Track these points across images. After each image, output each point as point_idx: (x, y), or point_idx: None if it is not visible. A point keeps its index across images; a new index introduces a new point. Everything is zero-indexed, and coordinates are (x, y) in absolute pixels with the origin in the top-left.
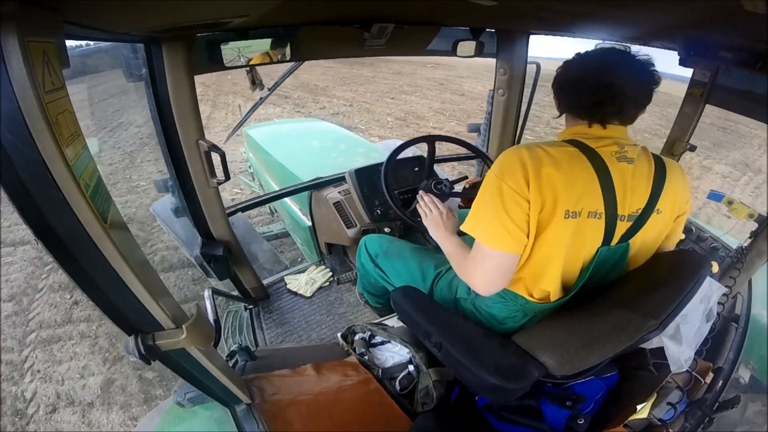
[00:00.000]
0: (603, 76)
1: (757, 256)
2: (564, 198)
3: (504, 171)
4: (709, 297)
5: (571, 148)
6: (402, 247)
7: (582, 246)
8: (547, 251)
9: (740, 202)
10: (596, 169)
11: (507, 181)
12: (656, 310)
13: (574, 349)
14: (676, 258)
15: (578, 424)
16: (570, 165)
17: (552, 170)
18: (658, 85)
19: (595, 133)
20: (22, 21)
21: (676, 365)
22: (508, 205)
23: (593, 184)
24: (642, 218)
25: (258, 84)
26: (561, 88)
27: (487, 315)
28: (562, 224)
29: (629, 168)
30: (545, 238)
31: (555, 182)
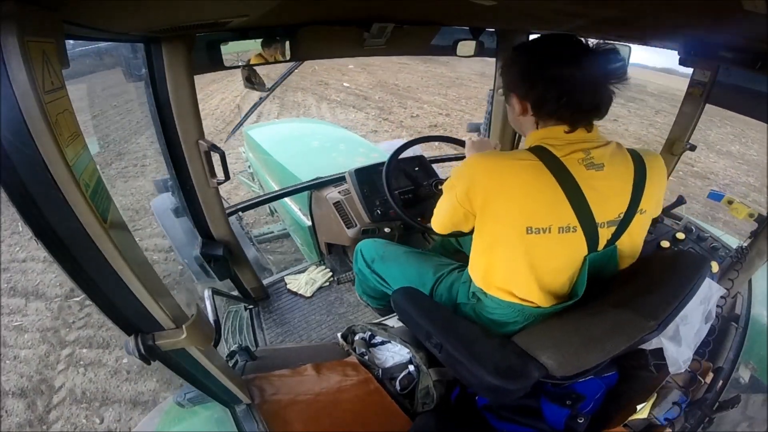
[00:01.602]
0: (584, 70)
1: (757, 256)
2: (521, 215)
3: (457, 177)
4: (708, 298)
5: (534, 160)
6: (398, 252)
7: (559, 258)
8: (512, 263)
9: (740, 202)
10: (561, 183)
11: (457, 188)
12: (656, 311)
13: (573, 349)
14: (675, 259)
15: (578, 423)
16: (529, 180)
17: (507, 186)
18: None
19: (564, 137)
20: (22, 21)
21: (674, 366)
22: (449, 206)
23: (559, 199)
24: (626, 221)
25: (257, 83)
26: (521, 79)
27: (487, 320)
28: (523, 240)
29: (599, 174)
30: (506, 251)
31: (508, 199)
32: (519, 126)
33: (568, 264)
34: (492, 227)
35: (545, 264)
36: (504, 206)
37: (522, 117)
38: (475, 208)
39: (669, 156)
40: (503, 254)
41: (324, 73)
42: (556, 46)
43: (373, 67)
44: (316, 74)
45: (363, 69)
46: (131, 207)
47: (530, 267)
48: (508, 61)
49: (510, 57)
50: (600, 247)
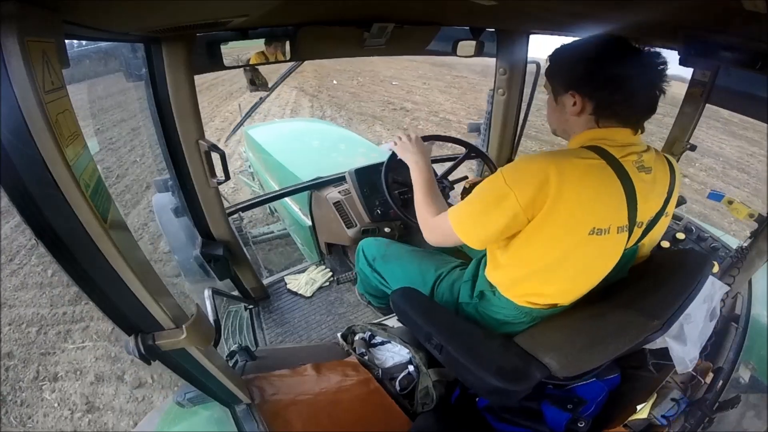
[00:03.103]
0: (643, 71)
1: (757, 256)
2: (589, 216)
3: (518, 180)
4: (712, 296)
5: (597, 159)
6: (400, 250)
7: (609, 258)
8: (563, 266)
9: (740, 202)
10: (622, 183)
11: (516, 192)
12: (659, 311)
13: (576, 350)
14: (678, 258)
15: (579, 426)
16: (599, 181)
17: (579, 187)
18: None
19: (622, 139)
20: (22, 21)
21: (681, 365)
22: (498, 216)
23: (620, 200)
24: (653, 222)
25: (260, 84)
26: (588, 76)
27: (490, 320)
28: (585, 241)
29: (648, 177)
30: (560, 254)
31: (580, 200)
32: (566, 126)
33: (612, 263)
34: (551, 230)
35: (596, 265)
36: (573, 208)
37: (576, 117)
38: (538, 212)
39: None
40: (555, 257)
41: (382, 89)
42: (618, 46)
43: (435, 81)
44: (370, 90)
45: (425, 82)
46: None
47: (581, 269)
48: (567, 59)
49: (568, 55)
50: (629, 245)
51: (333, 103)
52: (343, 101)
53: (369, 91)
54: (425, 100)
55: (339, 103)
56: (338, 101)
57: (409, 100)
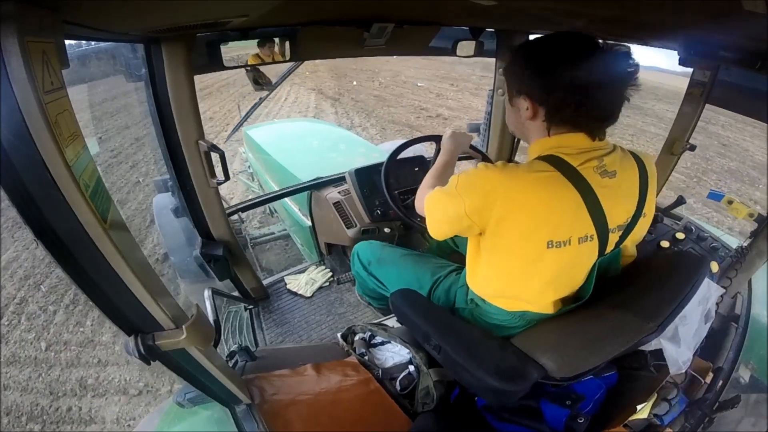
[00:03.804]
0: (604, 76)
1: (757, 256)
2: (543, 229)
3: (466, 188)
4: (707, 298)
5: (551, 171)
6: (394, 254)
7: (577, 268)
8: (531, 278)
9: (740, 202)
10: (581, 192)
11: (464, 198)
12: (655, 313)
13: (573, 351)
14: (674, 260)
15: (578, 423)
16: (551, 193)
17: (528, 201)
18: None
19: (580, 144)
20: (22, 21)
21: (674, 367)
22: (450, 214)
23: (580, 210)
24: (632, 224)
25: (264, 83)
26: (537, 81)
27: (486, 324)
28: (543, 253)
29: (612, 182)
30: (525, 266)
31: (530, 213)
32: (523, 131)
33: (583, 272)
34: (506, 242)
35: (563, 275)
36: (524, 222)
37: (530, 122)
38: (486, 223)
39: (669, 156)
40: (517, 268)
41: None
42: (575, 47)
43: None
44: (396, 93)
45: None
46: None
47: (548, 280)
48: (520, 60)
49: (522, 56)
50: (607, 251)
51: (359, 109)
52: (369, 106)
53: (395, 95)
54: (460, 105)
55: (365, 108)
56: (364, 106)
57: (442, 105)
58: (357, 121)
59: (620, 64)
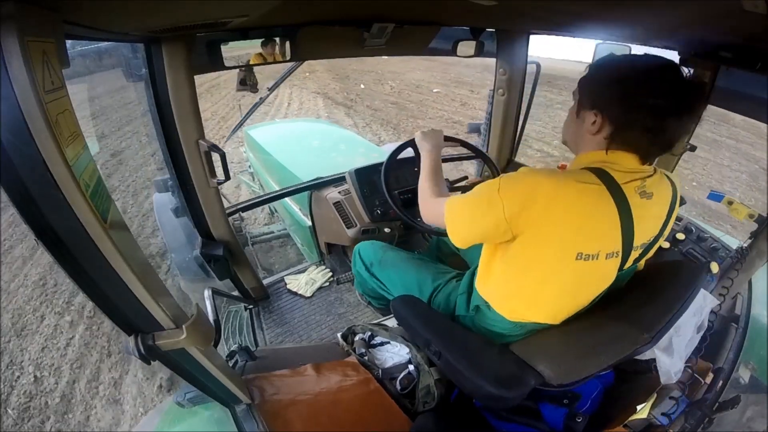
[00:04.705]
0: (677, 103)
1: (757, 256)
2: (576, 240)
3: (509, 192)
4: (701, 309)
5: (598, 184)
6: (396, 257)
7: (598, 282)
8: (551, 288)
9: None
10: (619, 210)
11: (505, 202)
12: (650, 324)
13: (570, 359)
14: (672, 270)
15: (576, 422)
16: (594, 206)
17: (569, 210)
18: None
19: (630, 165)
20: (22, 21)
21: (665, 377)
22: (483, 220)
23: (614, 225)
24: (652, 244)
25: (250, 85)
26: (617, 100)
27: (487, 332)
28: (572, 265)
29: (648, 203)
30: (548, 276)
31: (568, 223)
32: (578, 141)
33: (601, 288)
34: (536, 250)
35: (583, 289)
36: (560, 230)
37: (591, 136)
38: (522, 229)
39: (669, 156)
40: (539, 276)
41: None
42: (663, 74)
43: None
44: (412, 99)
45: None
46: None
47: (567, 291)
48: (604, 75)
49: (607, 72)
50: (626, 266)
51: (378, 118)
52: (390, 116)
53: (414, 102)
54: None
55: (387, 119)
56: (384, 116)
57: (474, 117)
58: (384, 136)
59: (697, 96)
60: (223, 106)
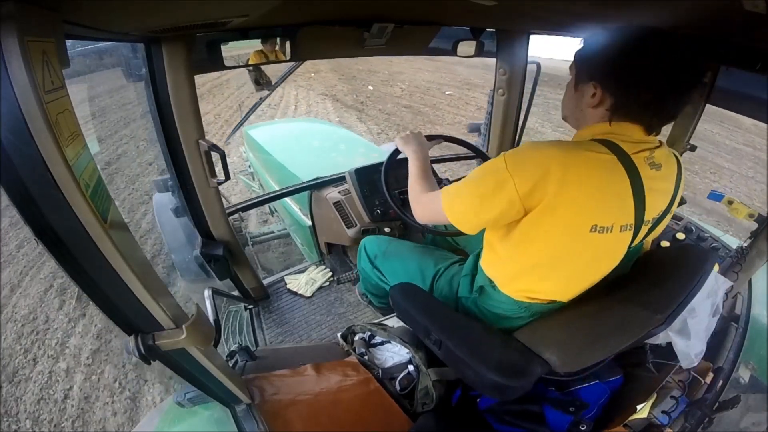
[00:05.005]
0: (677, 75)
1: (757, 256)
2: (592, 213)
3: (519, 167)
4: (715, 291)
5: (608, 154)
6: (400, 247)
7: (611, 256)
8: (563, 262)
9: (740, 202)
10: (631, 181)
11: (516, 180)
12: (661, 306)
13: (578, 346)
14: (680, 253)
15: (580, 429)
16: (606, 176)
17: (583, 182)
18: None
19: (636, 135)
20: (22, 21)
21: (686, 361)
22: (494, 202)
23: (627, 197)
24: (660, 218)
25: (264, 83)
26: (615, 73)
27: (490, 314)
28: (586, 239)
29: (658, 175)
30: (561, 250)
31: (583, 195)
32: (578, 115)
33: (613, 262)
34: (550, 225)
35: (596, 263)
36: (575, 203)
37: (591, 109)
38: (537, 204)
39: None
40: (552, 253)
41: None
42: (661, 45)
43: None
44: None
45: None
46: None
47: (580, 267)
48: (602, 47)
49: (605, 44)
50: (635, 243)
51: (393, 124)
52: (404, 120)
53: (427, 105)
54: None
55: (400, 123)
56: (398, 120)
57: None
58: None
59: (697, 66)
60: (226, 108)
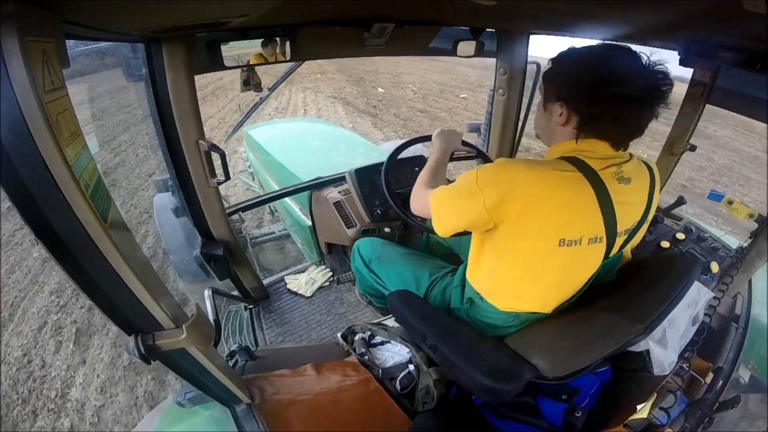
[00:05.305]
0: (642, 93)
1: (757, 256)
2: (558, 227)
3: (488, 183)
4: (696, 301)
5: (574, 171)
6: (395, 253)
7: (583, 269)
8: (538, 275)
9: (740, 202)
10: (598, 195)
11: (485, 193)
12: (643, 315)
13: (564, 352)
14: (665, 262)
15: (576, 417)
16: (572, 193)
17: (548, 197)
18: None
19: (603, 152)
20: (22, 21)
21: (659, 368)
22: (465, 211)
23: (594, 211)
24: (636, 229)
25: (254, 85)
26: (578, 92)
27: (481, 324)
28: (554, 252)
29: (627, 188)
30: (534, 263)
31: (548, 210)
32: (549, 134)
33: (588, 274)
34: (519, 238)
35: (569, 275)
36: (541, 218)
37: (560, 127)
38: (505, 218)
39: (669, 156)
40: (525, 265)
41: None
42: (621, 61)
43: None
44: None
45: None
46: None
47: (554, 280)
48: (565, 68)
49: (567, 64)
50: (611, 254)
51: (410, 130)
52: (421, 126)
53: (443, 109)
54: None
55: (417, 129)
56: (415, 126)
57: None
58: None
59: (659, 82)
60: (230, 113)
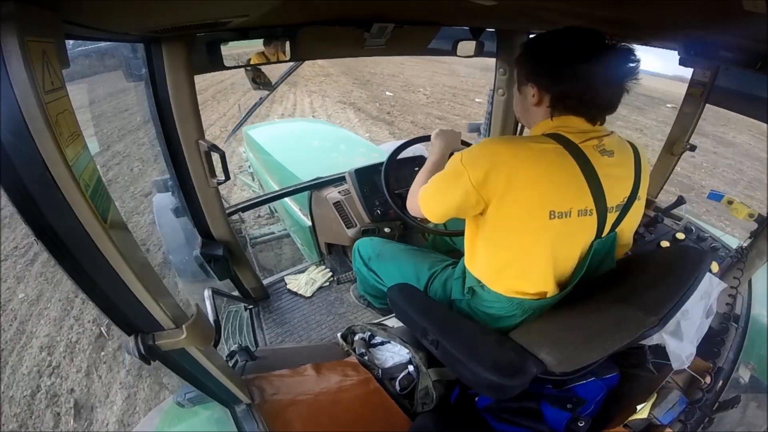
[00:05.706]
0: (608, 68)
1: (757, 256)
2: (546, 198)
3: (472, 161)
4: (709, 293)
5: (553, 144)
6: (394, 249)
7: (575, 243)
8: (534, 251)
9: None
10: (581, 166)
11: (469, 171)
12: (656, 307)
13: (573, 345)
14: (676, 254)
15: (579, 426)
16: (554, 164)
17: (533, 170)
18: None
19: (581, 126)
20: (22, 21)
21: (677, 362)
22: (453, 192)
23: (580, 182)
24: (627, 206)
25: (262, 83)
26: (546, 72)
27: (483, 315)
28: (546, 225)
29: (611, 161)
30: (528, 239)
31: (534, 183)
32: (527, 115)
33: (580, 249)
34: (510, 215)
35: (562, 249)
36: (528, 192)
37: (535, 107)
38: (492, 195)
39: (669, 156)
40: (519, 241)
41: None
42: (584, 41)
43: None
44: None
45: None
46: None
47: (549, 252)
48: (531, 51)
49: (533, 47)
50: (604, 233)
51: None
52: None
53: (459, 115)
54: None
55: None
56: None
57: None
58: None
59: (623, 59)
60: (233, 119)
